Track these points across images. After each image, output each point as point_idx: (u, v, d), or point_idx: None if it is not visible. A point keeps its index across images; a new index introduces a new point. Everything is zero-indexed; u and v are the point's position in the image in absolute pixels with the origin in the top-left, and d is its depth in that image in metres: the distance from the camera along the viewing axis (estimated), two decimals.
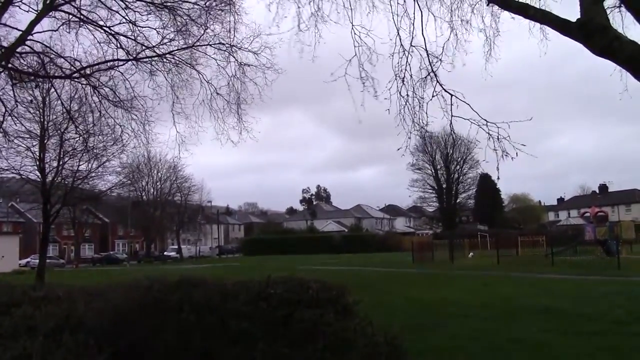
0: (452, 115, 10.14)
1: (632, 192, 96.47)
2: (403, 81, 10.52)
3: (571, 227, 68.95)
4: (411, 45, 10.44)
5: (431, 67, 10.47)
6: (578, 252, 39.45)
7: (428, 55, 10.47)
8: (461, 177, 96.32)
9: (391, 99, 10.35)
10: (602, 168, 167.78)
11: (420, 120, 10.58)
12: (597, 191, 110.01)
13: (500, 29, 11.24)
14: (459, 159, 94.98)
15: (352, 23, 10.66)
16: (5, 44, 13.94)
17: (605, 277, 23.65)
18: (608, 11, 7.66)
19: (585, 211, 57.71)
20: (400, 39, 10.49)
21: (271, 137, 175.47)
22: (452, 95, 10.08)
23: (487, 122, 9.82)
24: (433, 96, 10.35)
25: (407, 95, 10.55)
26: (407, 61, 10.50)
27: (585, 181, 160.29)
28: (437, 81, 10.37)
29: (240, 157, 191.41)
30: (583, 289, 19.13)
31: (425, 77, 10.50)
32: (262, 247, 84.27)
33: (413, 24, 10.35)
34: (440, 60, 10.45)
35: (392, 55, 10.50)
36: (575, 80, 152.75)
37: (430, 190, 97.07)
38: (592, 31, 6.75)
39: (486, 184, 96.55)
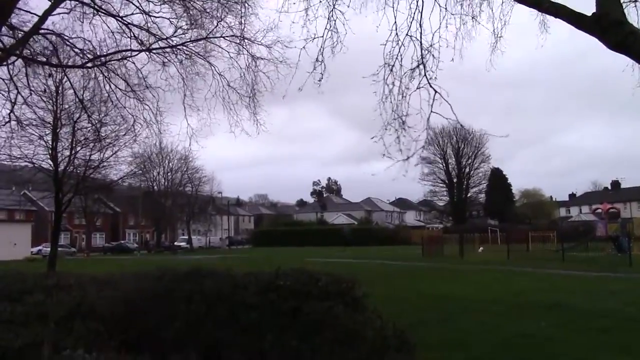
0: (430, 111, 10.00)
1: None
2: (392, 69, 10.40)
3: (582, 223, 68.53)
4: (407, 35, 10.33)
5: (422, 59, 10.35)
6: (589, 249, 39.26)
7: (422, 47, 10.36)
8: (472, 171, 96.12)
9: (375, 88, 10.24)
10: (615, 164, 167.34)
11: (401, 111, 10.43)
12: (609, 187, 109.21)
13: (508, 24, 11.15)
14: (470, 153, 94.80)
15: (333, 6, 10.52)
16: (19, 32, 13.99)
17: (616, 274, 23.53)
18: (623, 5, 7.58)
19: (597, 207, 57.40)
20: (396, 27, 10.36)
21: (286, 130, 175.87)
22: (436, 91, 9.98)
23: (462, 126, 9.70)
24: (418, 88, 10.23)
25: (393, 84, 10.44)
26: (399, 50, 10.39)
27: (597, 177, 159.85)
28: (425, 74, 10.24)
29: (253, 149, 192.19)
30: (593, 286, 19.05)
31: (414, 69, 10.39)
32: (272, 239, 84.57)
33: (413, 14, 10.23)
34: (432, 53, 10.31)
35: (385, 43, 10.38)
36: (589, 77, 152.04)
37: (441, 184, 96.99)
38: (607, 25, 6.69)
39: (497, 179, 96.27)
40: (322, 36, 10.45)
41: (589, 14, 6.93)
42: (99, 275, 9.49)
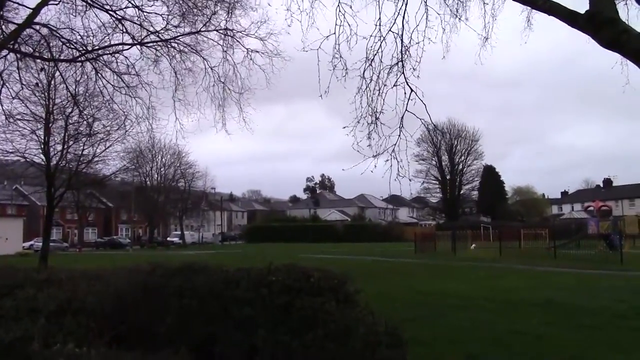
0: (405, 110, 9.98)
1: (637, 186, 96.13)
2: (371, 64, 10.39)
3: (574, 220, 68.82)
4: (390, 31, 10.32)
5: (401, 56, 10.34)
6: (581, 246, 39.42)
7: (402, 44, 10.35)
8: (465, 169, 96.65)
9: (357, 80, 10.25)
10: (607, 162, 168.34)
11: (375, 106, 10.42)
12: (602, 185, 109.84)
13: (501, 20, 11.21)
14: (464, 150, 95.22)
15: (339, 1, 10.48)
16: (11, 25, 13.89)
17: (608, 271, 23.65)
18: (616, 3, 7.60)
19: (589, 205, 57.79)
20: (380, 23, 10.36)
21: (281, 127, 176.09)
22: (412, 90, 9.96)
23: (436, 127, 9.88)
24: (395, 85, 10.22)
25: (370, 79, 10.42)
26: (380, 46, 10.38)
27: (589, 175, 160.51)
28: (403, 72, 10.23)
29: (247, 146, 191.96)
30: (585, 283, 19.14)
31: (393, 66, 10.38)
32: (265, 235, 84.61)
33: (399, 11, 10.23)
34: (409, 52, 10.31)
35: (368, 38, 10.37)
36: (583, 77, 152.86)
37: (434, 181, 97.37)
38: (600, 23, 6.70)
39: (490, 176, 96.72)
40: (335, 33, 10.41)
41: (583, 12, 6.94)
42: (90, 270, 9.46)
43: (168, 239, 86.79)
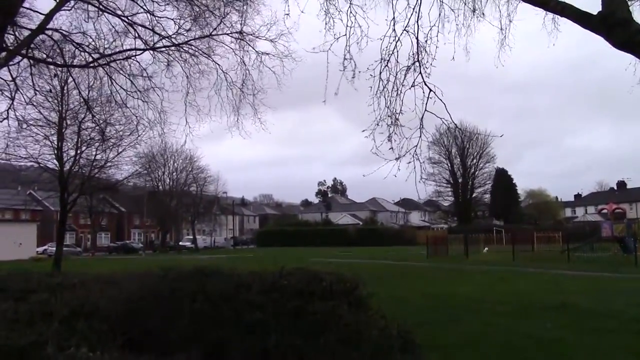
0: (424, 110, 9.91)
1: None
2: (387, 64, 10.35)
3: (588, 223, 68.25)
4: (404, 30, 10.27)
5: (418, 56, 10.28)
6: (594, 249, 39.10)
7: (418, 43, 10.30)
8: (477, 172, 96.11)
9: (374, 82, 10.18)
10: (621, 165, 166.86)
11: (394, 108, 10.35)
12: (615, 188, 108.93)
13: (514, 23, 11.14)
14: (475, 153, 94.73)
15: (350, 2, 10.47)
16: (24, 31, 14.00)
17: (622, 274, 23.43)
18: (629, 4, 7.54)
19: (603, 208, 57.37)
20: (394, 23, 10.31)
21: (294, 132, 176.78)
22: (430, 89, 9.89)
23: (457, 126, 10.27)
24: (412, 86, 10.15)
25: (388, 80, 10.37)
26: (395, 46, 10.33)
27: (603, 178, 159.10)
28: (420, 72, 10.16)
29: (260, 150, 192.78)
30: (599, 286, 18.96)
31: (410, 66, 10.31)
32: (277, 239, 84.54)
33: (413, 9, 10.19)
34: (427, 51, 10.25)
35: (383, 38, 10.33)
36: (597, 80, 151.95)
37: (446, 184, 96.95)
38: (613, 24, 6.65)
39: (502, 179, 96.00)
40: (345, 34, 10.39)
41: (595, 13, 6.90)
42: (103, 274, 9.50)
43: (180, 243, 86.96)
